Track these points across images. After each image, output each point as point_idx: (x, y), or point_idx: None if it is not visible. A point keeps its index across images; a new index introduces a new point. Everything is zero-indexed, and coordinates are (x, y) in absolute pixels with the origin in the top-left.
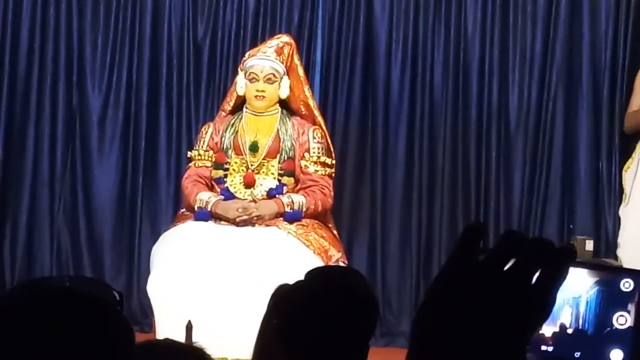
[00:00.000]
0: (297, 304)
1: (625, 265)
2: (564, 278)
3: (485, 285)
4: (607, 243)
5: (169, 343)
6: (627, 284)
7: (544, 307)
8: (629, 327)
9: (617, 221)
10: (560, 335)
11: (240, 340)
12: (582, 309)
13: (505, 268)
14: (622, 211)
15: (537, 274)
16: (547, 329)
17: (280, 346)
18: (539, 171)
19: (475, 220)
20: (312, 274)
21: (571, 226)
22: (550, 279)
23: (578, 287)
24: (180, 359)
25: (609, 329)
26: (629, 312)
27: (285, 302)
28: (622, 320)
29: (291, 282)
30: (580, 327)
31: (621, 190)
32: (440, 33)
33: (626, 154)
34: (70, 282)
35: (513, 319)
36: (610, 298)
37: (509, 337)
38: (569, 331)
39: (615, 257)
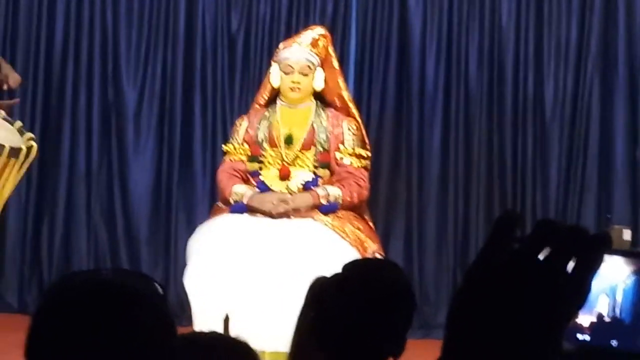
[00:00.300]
0: (334, 297)
1: None
2: (599, 266)
3: (519, 274)
4: None
5: (213, 335)
6: None
7: (580, 295)
8: None
9: None
10: (597, 324)
11: (277, 333)
12: (618, 298)
13: (540, 257)
14: None
15: (572, 262)
16: (584, 318)
17: (316, 340)
18: (575, 162)
19: (509, 209)
20: (349, 267)
21: (609, 216)
22: (585, 268)
23: (615, 276)
24: (225, 351)
25: None
26: None
27: (322, 296)
28: None
29: (328, 274)
30: (617, 316)
31: None
32: (474, 24)
33: None
34: (111, 274)
35: (548, 307)
36: None
37: (544, 326)
38: (606, 320)
39: None
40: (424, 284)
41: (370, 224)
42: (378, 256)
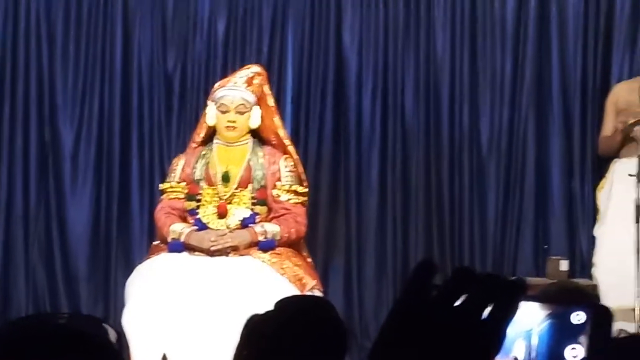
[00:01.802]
0: (266, 334)
1: (602, 285)
2: (515, 313)
3: (436, 321)
4: (582, 263)
5: None
6: (578, 317)
7: (495, 341)
8: (582, 359)
9: (591, 241)
10: None
11: None
12: (534, 342)
13: (457, 304)
14: (597, 231)
15: (489, 309)
16: None
17: None
18: (512, 193)
19: (425, 257)
20: (282, 304)
21: (546, 247)
22: (500, 314)
23: (529, 320)
24: None
25: None
26: (581, 344)
27: (255, 333)
28: (574, 352)
29: (264, 311)
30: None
31: (595, 210)
32: (409, 59)
33: (599, 174)
34: (66, 320)
35: (465, 354)
36: (561, 331)
37: None
38: None
39: (590, 277)
40: (363, 319)
41: (309, 259)
42: (317, 292)
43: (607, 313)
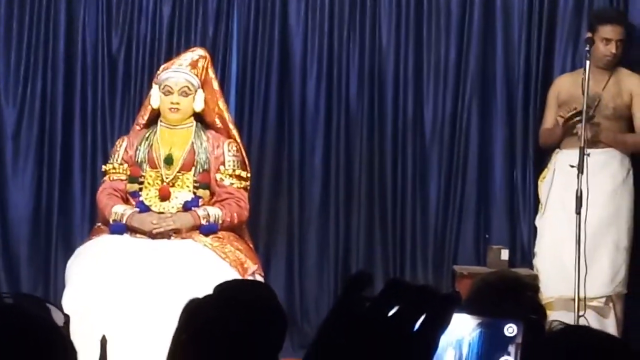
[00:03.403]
0: (205, 318)
1: (542, 275)
2: (447, 324)
3: (369, 332)
4: (523, 252)
5: None
6: (510, 329)
7: (427, 351)
8: None
9: (532, 231)
10: None
11: (154, 354)
12: (464, 351)
13: (390, 314)
14: (539, 221)
15: (421, 319)
16: None
17: None
18: (454, 182)
19: (361, 269)
20: (220, 289)
21: (487, 236)
22: (432, 325)
23: (460, 330)
24: None
25: None
26: (511, 355)
27: (193, 317)
28: None
29: (204, 295)
30: None
31: (537, 201)
32: (355, 45)
33: (541, 164)
34: (13, 299)
35: None
36: (493, 341)
37: None
38: None
39: (531, 267)
40: (304, 304)
41: (251, 244)
42: (258, 277)
43: (539, 324)
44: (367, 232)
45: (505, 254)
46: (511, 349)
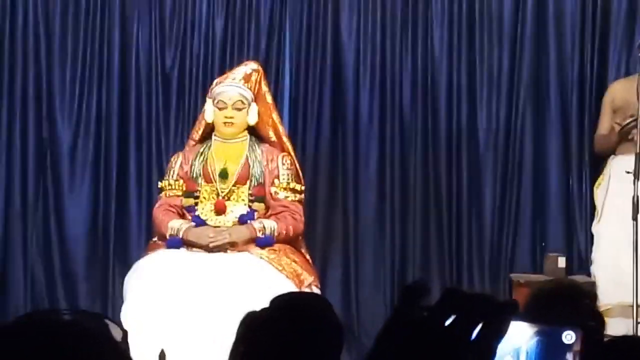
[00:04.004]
0: (262, 332)
1: (600, 282)
2: (505, 332)
3: (426, 342)
4: (580, 260)
5: None
6: (568, 337)
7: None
8: None
9: (589, 238)
10: None
11: None
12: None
13: (447, 324)
14: (595, 228)
15: (479, 328)
16: None
17: None
18: (509, 190)
19: (418, 278)
20: (277, 301)
21: (543, 244)
22: (490, 334)
23: (518, 338)
24: None
25: None
26: None
27: (250, 330)
28: None
29: (261, 308)
30: None
31: (593, 207)
32: (407, 56)
33: (597, 170)
34: (72, 315)
35: None
36: (550, 349)
37: None
38: None
39: (589, 274)
40: (361, 315)
41: (307, 256)
42: (315, 289)
43: (598, 333)
44: (423, 242)
45: (562, 262)
46: (569, 356)
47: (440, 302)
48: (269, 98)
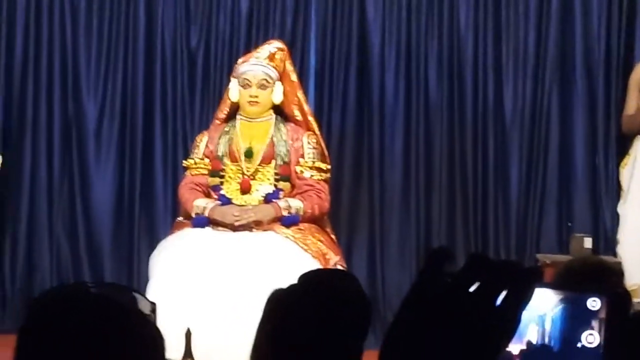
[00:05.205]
0: (289, 309)
1: (626, 262)
2: (529, 299)
3: (451, 308)
4: (607, 240)
5: None
6: (594, 303)
7: (509, 327)
8: (598, 345)
9: (615, 218)
10: (527, 352)
11: (239, 346)
12: (547, 327)
13: (471, 290)
14: (621, 208)
15: (503, 295)
16: (514, 347)
17: (273, 351)
18: (535, 169)
19: (441, 245)
20: (304, 278)
21: (569, 224)
22: (515, 300)
23: (543, 305)
24: None
25: (577, 346)
26: (596, 330)
27: (277, 307)
28: (590, 338)
29: (288, 285)
30: (546, 344)
31: (619, 187)
32: (433, 34)
33: (623, 150)
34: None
35: (479, 339)
36: (576, 316)
37: (476, 357)
38: (535, 347)
39: (615, 254)
40: (387, 293)
41: (332, 235)
42: (340, 268)
43: (624, 299)
44: (449, 221)
45: (588, 242)
46: (595, 323)
47: (465, 268)
48: (293, 77)
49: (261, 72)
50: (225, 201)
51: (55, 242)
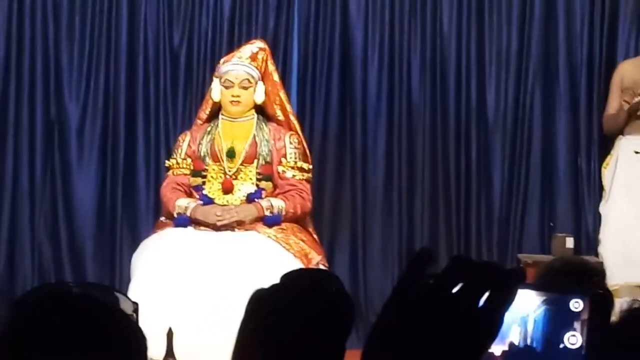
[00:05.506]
0: (271, 307)
1: (608, 262)
2: (512, 300)
3: (433, 309)
4: (589, 240)
5: None
6: (576, 304)
7: (492, 328)
8: (580, 346)
9: (597, 218)
10: (510, 353)
11: (220, 346)
12: (529, 328)
13: (454, 291)
14: (603, 208)
15: (486, 296)
16: (497, 348)
17: (255, 351)
18: (517, 169)
19: (424, 246)
20: (286, 278)
21: (551, 224)
22: (497, 302)
23: (525, 307)
24: None
25: (559, 347)
26: (578, 331)
27: (260, 307)
28: (573, 340)
29: (270, 285)
30: (528, 345)
31: (601, 187)
32: (416, 34)
33: (605, 151)
34: (81, 288)
35: (461, 340)
36: (558, 317)
37: (459, 358)
38: (518, 349)
39: (597, 254)
40: (369, 294)
41: (315, 235)
42: (322, 267)
43: (606, 299)
44: (431, 222)
45: (570, 242)
46: (577, 324)
47: (447, 270)
48: (275, 76)
49: (243, 72)
50: (208, 201)
51: (37, 243)
